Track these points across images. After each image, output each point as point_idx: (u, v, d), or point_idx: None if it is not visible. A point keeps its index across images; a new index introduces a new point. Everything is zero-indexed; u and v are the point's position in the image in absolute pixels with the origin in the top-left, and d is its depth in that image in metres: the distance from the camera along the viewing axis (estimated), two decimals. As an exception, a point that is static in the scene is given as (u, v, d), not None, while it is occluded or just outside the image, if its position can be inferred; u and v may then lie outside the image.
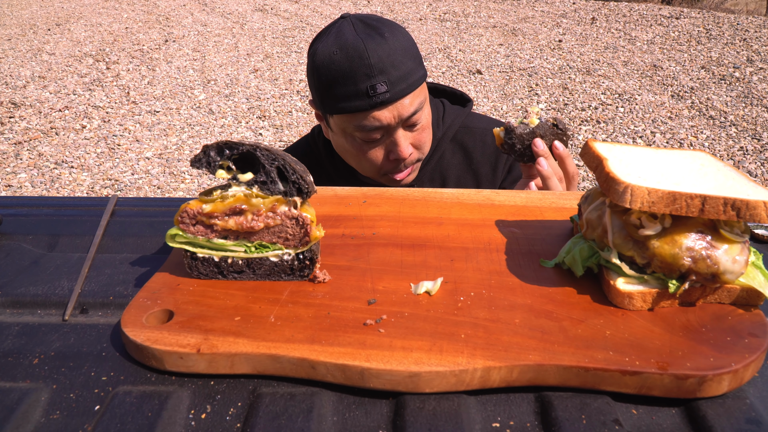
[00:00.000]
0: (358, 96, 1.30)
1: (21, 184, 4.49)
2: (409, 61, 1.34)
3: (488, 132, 1.59)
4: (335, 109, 1.36)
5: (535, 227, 1.01)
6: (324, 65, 1.33)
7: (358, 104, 1.31)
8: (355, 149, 1.41)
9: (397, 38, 1.34)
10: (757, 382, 0.71)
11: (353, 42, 1.31)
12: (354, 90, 1.30)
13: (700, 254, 0.75)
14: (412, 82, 1.34)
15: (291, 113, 5.84)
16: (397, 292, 0.82)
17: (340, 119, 1.38)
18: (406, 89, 1.33)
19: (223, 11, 10.27)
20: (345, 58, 1.30)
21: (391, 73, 1.30)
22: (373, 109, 1.32)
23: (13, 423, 0.65)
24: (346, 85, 1.31)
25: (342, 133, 1.41)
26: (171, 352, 0.71)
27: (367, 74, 1.29)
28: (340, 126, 1.40)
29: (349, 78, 1.30)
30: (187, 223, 0.84)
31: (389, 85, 1.30)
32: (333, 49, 1.32)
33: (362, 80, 1.29)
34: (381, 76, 1.30)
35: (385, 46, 1.31)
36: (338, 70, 1.31)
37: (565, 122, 1.31)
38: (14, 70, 7.16)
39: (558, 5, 9.91)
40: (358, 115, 1.33)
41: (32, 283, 0.91)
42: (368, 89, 1.29)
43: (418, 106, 1.36)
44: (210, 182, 4.52)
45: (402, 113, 1.34)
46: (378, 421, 0.66)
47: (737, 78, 6.24)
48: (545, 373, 0.68)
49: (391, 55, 1.31)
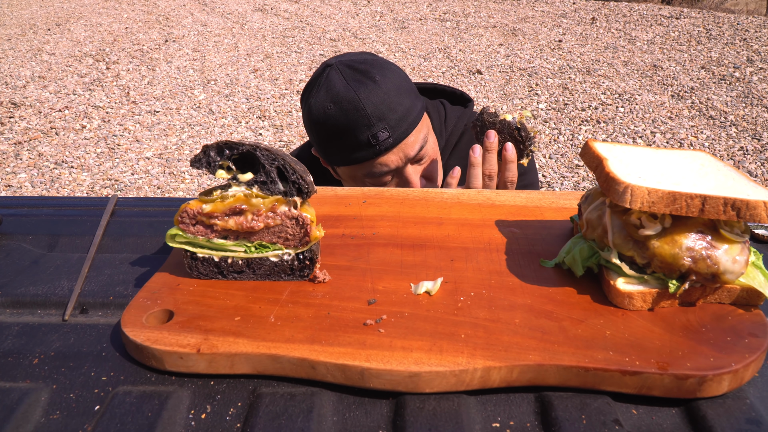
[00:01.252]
0: (361, 147, 1.29)
1: (21, 184, 4.49)
2: (405, 99, 1.32)
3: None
4: (341, 161, 1.34)
5: (535, 227, 1.01)
6: (320, 122, 1.31)
7: (363, 155, 1.30)
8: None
9: (388, 78, 1.31)
10: (757, 382, 0.71)
11: (345, 93, 1.28)
12: (356, 142, 1.28)
13: (700, 254, 0.75)
14: (413, 120, 1.32)
15: (291, 113, 5.84)
16: (397, 292, 0.82)
17: (348, 169, 1.37)
18: (408, 129, 1.31)
19: (223, 11, 10.27)
20: (340, 112, 1.27)
21: (389, 117, 1.28)
22: (379, 157, 1.30)
23: (13, 423, 0.65)
24: (347, 138, 1.29)
25: (351, 179, 1.40)
26: (171, 352, 0.71)
27: (366, 125, 1.27)
28: (348, 174, 1.39)
29: (348, 131, 1.28)
30: (187, 223, 0.84)
31: (390, 129, 1.28)
32: (327, 104, 1.29)
33: (362, 131, 1.27)
34: (380, 123, 1.27)
35: (379, 92, 1.28)
36: (336, 125, 1.29)
37: (533, 135, 1.31)
38: (14, 70, 7.16)
39: (558, 5, 9.90)
40: (365, 164, 1.32)
41: (32, 283, 0.91)
42: (370, 138, 1.27)
43: (422, 141, 1.34)
44: (210, 182, 4.52)
45: (408, 153, 1.32)
46: (378, 421, 0.66)
47: (737, 78, 6.24)
48: (545, 373, 0.68)
49: (387, 100, 1.28)
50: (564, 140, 5.05)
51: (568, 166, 4.61)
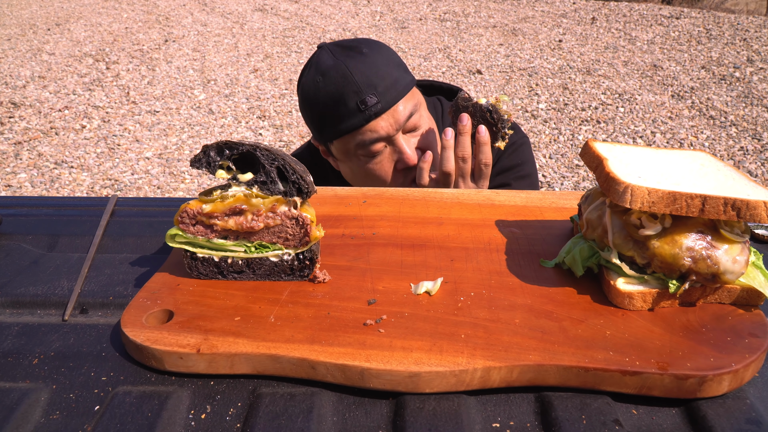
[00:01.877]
0: (351, 114, 1.31)
1: (21, 184, 4.49)
2: (393, 70, 1.35)
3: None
4: (333, 135, 1.36)
5: (535, 227, 1.01)
6: (312, 95, 1.35)
7: (353, 122, 1.32)
8: (362, 170, 1.41)
9: (376, 52, 1.35)
10: (758, 382, 0.71)
11: (333, 65, 1.32)
12: (346, 110, 1.31)
13: (700, 254, 0.75)
14: (401, 89, 1.35)
15: (291, 113, 5.84)
16: (397, 292, 0.82)
17: (341, 143, 1.38)
18: (397, 96, 1.34)
19: (223, 11, 10.27)
20: (330, 82, 1.31)
21: (378, 84, 1.31)
22: (368, 123, 1.32)
23: (13, 423, 0.65)
24: (338, 108, 1.32)
25: (346, 157, 1.41)
26: (171, 352, 0.71)
27: (355, 91, 1.30)
28: (342, 150, 1.40)
29: (338, 100, 1.31)
30: (187, 223, 0.84)
31: (379, 95, 1.31)
32: (316, 77, 1.34)
33: (351, 98, 1.30)
34: (369, 89, 1.31)
35: (367, 62, 1.32)
36: (326, 95, 1.32)
37: (507, 118, 1.31)
38: (14, 70, 7.16)
39: (558, 5, 9.90)
40: (356, 134, 1.34)
41: (32, 283, 0.91)
42: (359, 104, 1.30)
43: (412, 109, 1.36)
44: (210, 182, 4.52)
45: (398, 118, 1.34)
46: (378, 421, 0.66)
47: (737, 78, 6.24)
48: (545, 373, 0.68)
49: (374, 68, 1.32)
50: (564, 140, 5.05)
51: (568, 166, 4.60)
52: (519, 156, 1.58)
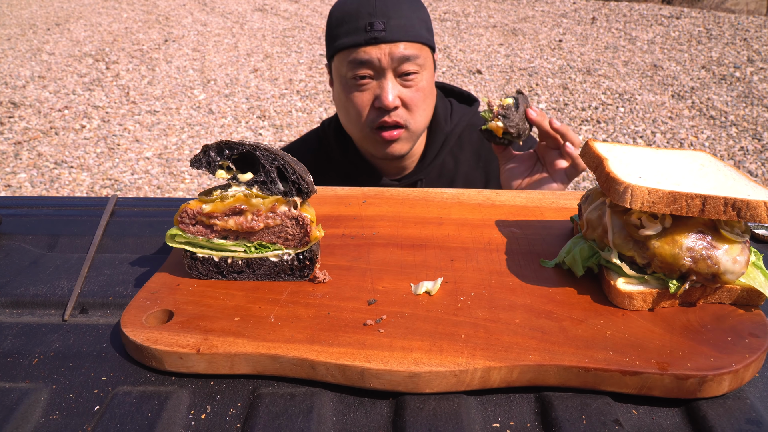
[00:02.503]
0: (356, 31, 1.36)
1: (21, 184, 4.49)
2: (414, 19, 1.40)
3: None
4: (336, 48, 1.41)
5: (535, 227, 1.01)
6: (335, 8, 1.43)
7: (355, 38, 1.37)
8: (345, 94, 1.43)
9: (410, 1, 1.41)
10: (758, 382, 0.71)
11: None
12: (354, 26, 1.37)
13: (700, 254, 0.75)
14: (413, 34, 1.38)
15: (291, 113, 5.84)
16: (397, 292, 0.82)
17: (338, 61, 1.42)
18: (404, 35, 1.37)
19: (222, 11, 10.27)
20: (354, 0, 1.39)
21: (391, 16, 1.36)
22: (367, 45, 1.36)
23: (12, 423, 0.65)
24: (349, 23, 1.38)
25: (339, 79, 1.45)
26: (171, 353, 0.71)
27: (369, 13, 1.36)
28: (337, 70, 1.44)
29: (352, 16, 1.37)
30: (186, 223, 0.84)
31: (387, 25, 1.35)
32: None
33: (363, 18, 1.36)
34: (381, 17, 1.36)
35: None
36: (344, 9, 1.40)
37: (514, 119, 1.30)
38: (14, 70, 7.16)
39: (558, 5, 9.90)
40: (352, 51, 1.38)
41: (32, 283, 0.91)
42: (366, 26, 1.35)
43: (412, 54, 1.38)
44: (210, 182, 4.52)
45: (394, 54, 1.36)
46: (378, 421, 0.66)
47: (738, 78, 6.24)
48: (545, 374, 0.68)
49: (398, 6, 1.37)
50: (564, 140, 5.04)
51: (568, 166, 4.60)
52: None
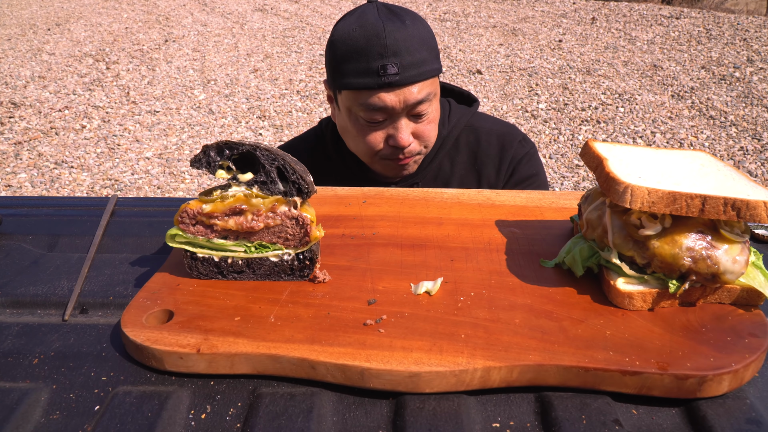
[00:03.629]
0: (368, 73, 1.33)
1: (21, 184, 4.49)
2: (424, 51, 1.37)
3: (493, 132, 1.59)
4: (344, 85, 1.38)
5: (535, 227, 1.01)
6: (341, 40, 1.37)
7: (367, 81, 1.33)
8: (356, 130, 1.42)
9: (417, 27, 1.37)
10: (758, 382, 0.71)
11: (373, 22, 1.34)
12: (365, 67, 1.33)
13: (700, 254, 0.75)
14: (424, 71, 1.36)
15: (291, 113, 5.84)
16: (397, 292, 0.82)
17: (347, 96, 1.40)
18: (417, 76, 1.35)
19: (223, 11, 10.27)
20: (362, 35, 1.34)
21: (404, 57, 1.33)
22: (381, 89, 1.33)
23: (13, 423, 0.65)
24: (359, 62, 1.34)
25: (347, 112, 1.43)
26: (171, 352, 0.71)
27: (380, 53, 1.32)
28: (346, 104, 1.42)
29: (362, 54, 1.33)
30: (187, 223, 0.84)
31: (400, 68, 1.32)
32: (353, 26, 1.36)
33: (375, 59, 1.32)
34: (394, 57, 1.32)
35: (404, 31, 1.34)
36: (354, 45, 1.35)
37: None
38: (14, 70, 7.15)
39: (558, 5, 9.90)
40: (365, 93, 1.35)
41: (32, 283, 0.91)
42: (379, 68, 1.32)
43: (426, 96, 1.37)
44: (210, 182, 4.52)
45: (408, 99, 1.35)
46: (378, 421, 0.66)
47: (737, 78, 6.24)
48: (545, 373, 0.68)
49: (408, 41, 1.34)
50: (564, 140, 5.05)
51: (568, 166, 4.60)
52: (533, 166, 1.60)
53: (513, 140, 1.58)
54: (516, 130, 1.62)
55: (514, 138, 1.59)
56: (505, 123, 1.64)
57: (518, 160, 1.57)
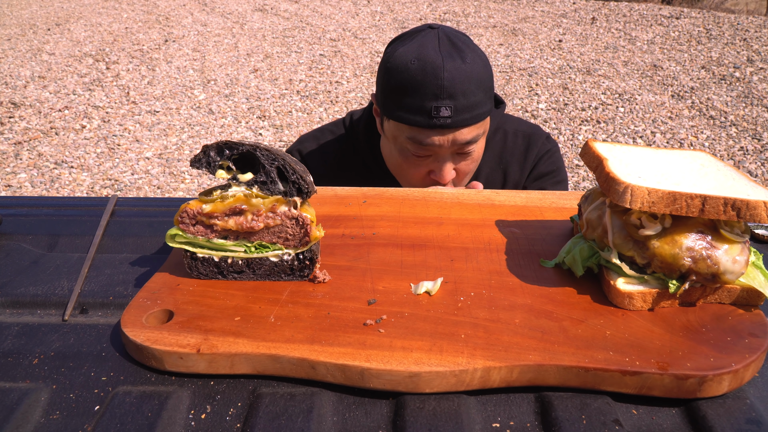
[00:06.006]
0: (421, 112, 1.30)
1: (21, 184, 4.49)
2: (480, 92, 1.33)
3: (519, 133, 1.60)
4: (395, 116, 1.35)
5: (535, 227, 1.01)
6: (398, 70, 1.33)
7: (419, 120, 1.31)
8: (400, 158, 1.41)
9: (476, 65, 1.33)
10: (758, 382, 0.71)
11: (433, 57, 1.30)
12: (419, 105, 1.30)
13: (700, 254, 0.75)
14: (477, 115, 1.33)
15: (291, 113, 5.84)
16: (397, 292, 0.82)
17: (395, 126, 1.38)
18: (469, 120, 1.32)
19: (223, 11, 10.27)
20: (420, 70, 1.30)
21: (459, 99, 1.29)
22: (430, 129, 1.31)
23: (13, 423, 0.65)
24: (413, 98, 1.31)
25: (393, 140, 1.41)
26: (171, 352, 0.71)
27: (435, 94, 1.28)
28: (393, 132, 1.40)
29: (417, 91, 1.30)
30: (187, 223, 0.84)
31: (453, 111, 1.29)
32: (411, 57, 1.32)
33: (429, 99, 1.29)
34: (448, 100, 1.29)
35: (462, 71, 1.30)
36: (410, 80, 1.31)
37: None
38: (14, 70, 7.15)
39: (558, 5, 9.90)
40: (414, 129, 1.33)
41: (32, 283, 0.91)
42: (432, 109, 1.29)
43: (474, 137, 1.35)
44: (210, 182, 4.52)
45: (457, 140, 1.33)
46: (378, 421, 0.66)
47: (737, 78, 6.24)
48: (545, 373, 0.68)
49: (465, 82, 1.30)
50: (564, 140, 5.05)
51: (568, 166, 4.60)
52: (554, 162, 1.61)
53: (538, 139, 1.60)
54: (540, 130, 1.64)
55: (539, 137, 1.60)
56: (530, 123, 1.66)
57: (540, 156, 1.58)
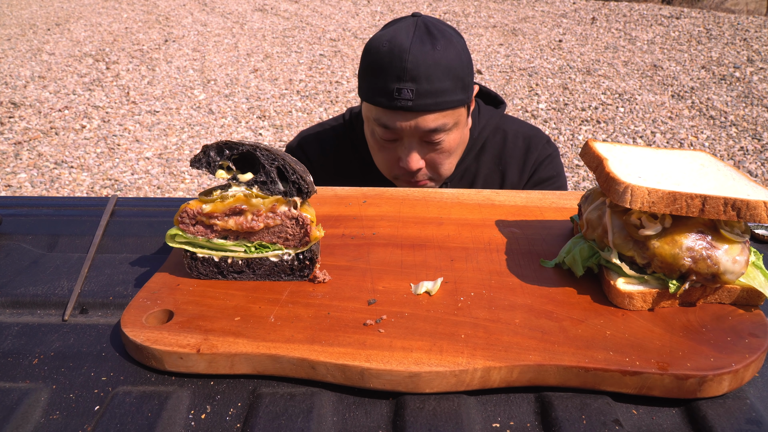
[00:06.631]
0: (384, 93, 1.32)
1: (21, 184, 4.49)
2: (447, 80, 1.32)
3: (519, 134, 1.59)
4: (366, 96, 1.38)
5: (535, 227, 1.01)
6: (370, 52, 1.36)
7: (382, 101, 1.32)
8: (373, 141, 1.42)
9: (447, 54, 1.32)
10: (758, 382, 0.71)
11: (402, 42, 1.31)
12: (383, 86, 1.32)
13: (700, 254, 0.75)
14: (442, 102, 1.31)
15: (291, 113, 5.84)
16: (397, 292, 0.82)
17: (367, 107, 1.40)
18: (432, 106, 1.30)
19: (223, 11, 10.27)
20: (388, 52, 1.32)
21: (422, 83, 1.29)
22: (392, 111, 1.32)
23: (12, 423, 0.65)
24: (378, 78, 1.33)
25: (367, 122, 1.43)
26: (171, 353, 0.71)
27: (398, 76, 1.29)
28: (366, 114, 1.42)
29: (383, 72, 1.32)
30: (187, 223, 0.84)
31: (415, 94, 1.29)
32: (384, 40, 1.34)
33: (392, 80, 1.30)
34: (410, 83, 1.29)
35: (429, 57, 1.29)
36: (378, 61, 1.33)
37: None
38: (14, 70, 7.15)
39: (558, 5, 9.90)
40: (379, 110, 1.35)
41: (32, 283, 0.91)
42: (394, 91, 1.30)
43: (440, 126, 1.33)
44: (210, 182, 4.52)
45: (420, 126, 1.32)
46: (378, 421, 0.66)
47: (737, 78, 6.24)
48: (545, 374, 0.68)
49: (430, 67, 1.29)
50: (564, 140, 5.05)
51: (568, 166, 4.60)
52: (554, 167, 1.60)
53: (538, 142, 1.58)
54: (541, 133, 1.62)
55: (539, 140, 1.59)
56: (530, 125, 1.64)
57: (541, 161, 1.57)
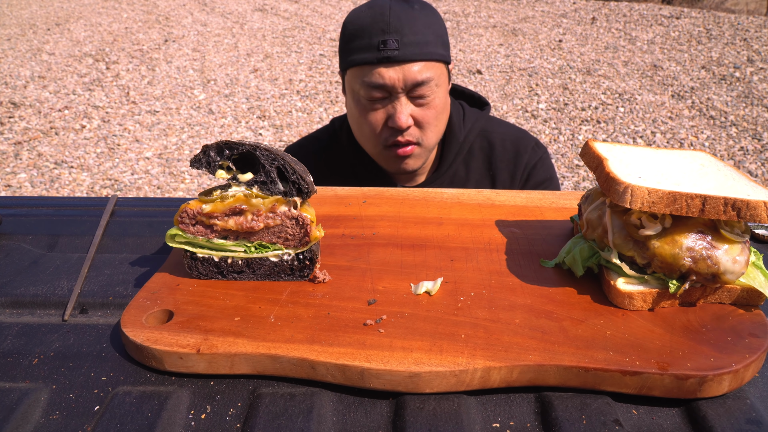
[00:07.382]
0: (369, 48, 1.34)
1: (21, 184, 4.49)
2: (429, 33, 1.37)
3: (507, 138, 1.59)
4: (348, 63, 1.39)
5: (535, 227, 1.01)
6: (349, 20, 1.40)
7: (367, 56, 1.34)
8: (358, 110, 1.42)
9: (425, 14, 1.38)
10: (758, 382, 0.71)
11: (381, 3, 1.36)
12: (367, 42, 1.34)
13: (700, 254, 0.75)
14: (426, 51, 1.35)
15: (291, 113, 5.84)
16: (397, 292, 0.82)
17: (351, 76, 1.41)
18: (417, 54, 1.34)
19: (223, 11, 10.27)
20: (368, 14, 1.36)
21: (406, 34, 1.33)
22: (380, 64, 1.34)
23: (12, 423, 0.65)
24: (362, 38, 1.35)
25: (352, 94, 1.43)
26: (171, 353, 0.71)
27: (382, 29, 1.33)
28: (350, 85, 1.42)
29: (365, 31, 1.35)
30: (186, 223, 0.84)
31: (400, 44, 1.32)
32: (363, 7, 1.39)
33: (376, 34, 1.33)
34: (395, 34, 1.33)
35: (410, 13, 1.35)
36: (359, 24, 1.37)
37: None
38: (14, 70, 7.15)
39: (558, 5, 9.90)
40: (365, 69, 1.36)
41: (32, 283, 0.91)
42: (379, 43, 1.32)
43: (427, 77, 1.36)
44: (210, 182, 4.52)
45: (408, 77, 1.34)
46: (378, 421, 0.66)
47: (737, 78, 6.24)
48: (545, 374, 0.68)
49: (412, 21, 1.34)
50: (564, 140, 5.05)
51: (568, 166, 4.60)
52: (547, 170, 1.61)
53: (527, 146, 1.59)
54: (529, 135, 1.62)
55: (528, 143, 1.59)
56: (517, 128, 1.64)
57: (533, 166, 1.57)
